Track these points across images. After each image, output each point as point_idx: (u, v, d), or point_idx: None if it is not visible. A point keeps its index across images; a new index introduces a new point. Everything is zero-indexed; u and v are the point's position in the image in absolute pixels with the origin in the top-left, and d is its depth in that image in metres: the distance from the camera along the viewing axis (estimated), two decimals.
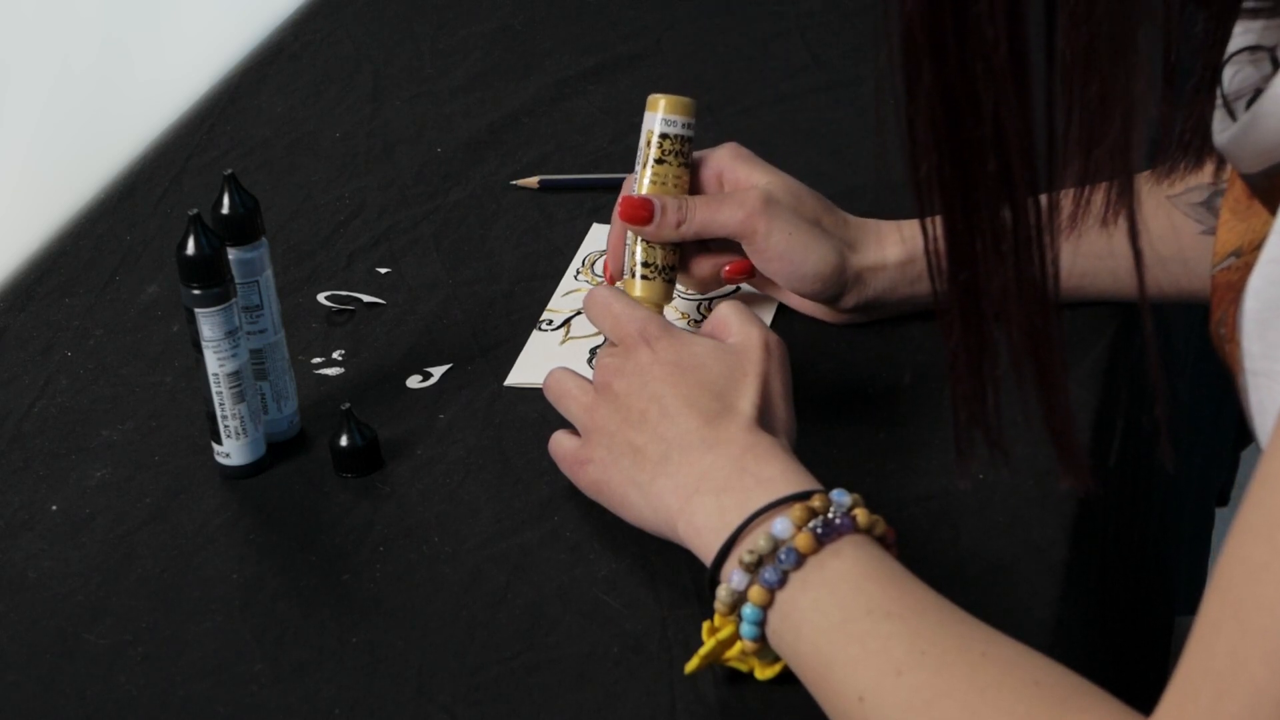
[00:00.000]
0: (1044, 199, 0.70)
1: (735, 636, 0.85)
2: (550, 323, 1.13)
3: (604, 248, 1.19)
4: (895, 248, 1.08)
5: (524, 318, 1.14)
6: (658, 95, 1.07)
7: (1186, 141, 0.84)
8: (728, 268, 1.08)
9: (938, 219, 0.71)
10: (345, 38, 1.52)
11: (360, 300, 1.17)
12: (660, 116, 1.06)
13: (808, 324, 1.11)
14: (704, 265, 1.09)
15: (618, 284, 1.08)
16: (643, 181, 1.07)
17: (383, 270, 1.20)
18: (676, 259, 1.07)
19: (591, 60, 1.45)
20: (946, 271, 0.72)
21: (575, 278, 1.18)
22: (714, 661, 0.86)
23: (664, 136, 1.07)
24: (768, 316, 1.11)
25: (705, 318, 0.99)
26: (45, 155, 1.34)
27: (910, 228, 1.08)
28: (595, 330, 1.05)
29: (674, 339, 0.95)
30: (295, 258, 1.22)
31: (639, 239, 1.07)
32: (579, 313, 1.13)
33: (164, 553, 0.98)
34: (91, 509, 1.02)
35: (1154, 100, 0.71)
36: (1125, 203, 0.70)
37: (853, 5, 1.48)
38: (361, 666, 0.90)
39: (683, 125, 1.07)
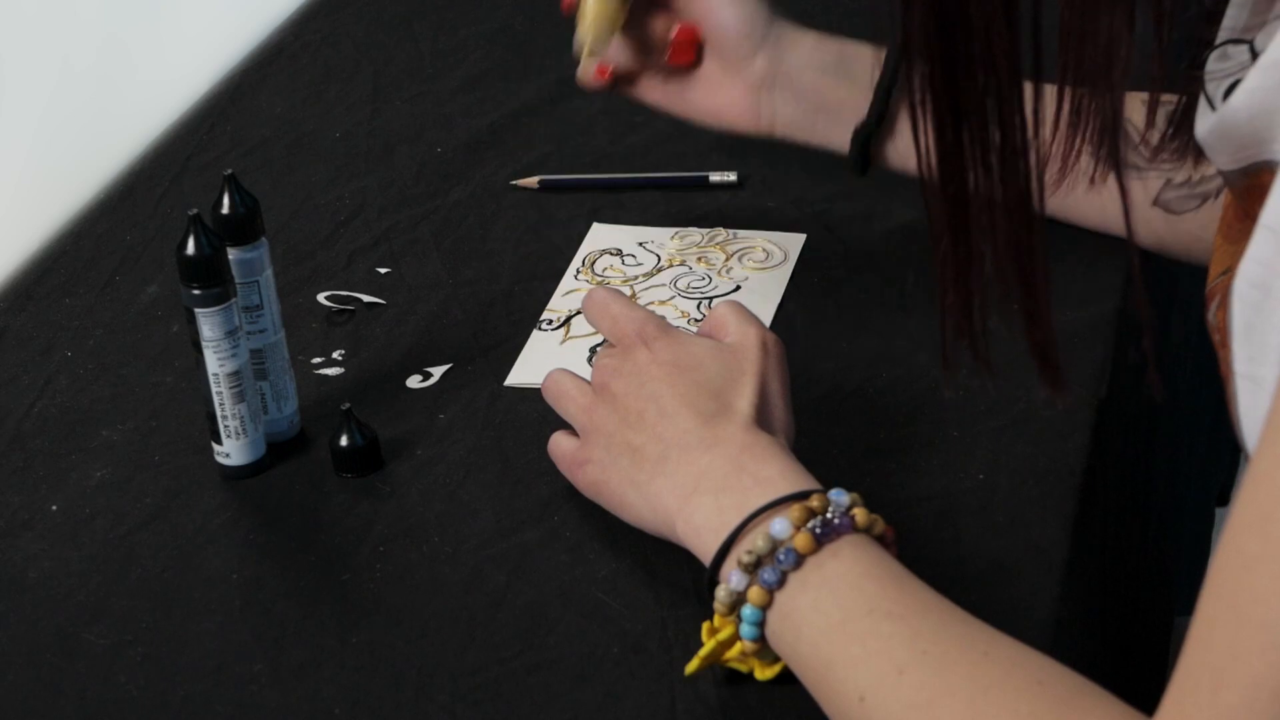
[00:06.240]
0: (1029, 113, 0.73)
1: (735, 637, 0.85)
2: (550, 322, 1.13)
3: (604, 247, 1.19)
4: (814, 36, 1.14)
5: (524, 318, 1.14)
6: None
7: (1179, 124, 0.86)
8: (676, 31, 1.13)
9: (930, 142, 0.74)
10: (345, 38, 1.52)
11: (360, 300, 1.17)
12: None
13: (807, 324, 1.11)
14: (658, 23, 1.14)
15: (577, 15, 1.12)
16: None
17: (383, 270, 1.20)
18: None
19: None
20: (937, 184, 0.74)
21: (575, 277, 1.18)
22: (714, 662, 0.86)
23: None
24: (766, 316, 1.12)
25: (705, 317, 0.99)
26: (45, 155, 1.34)
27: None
28: (595, 330, 1.06)
29: (671, 339, 0.95)
30: (295, 258, 1.22)
31: None
32: (579, 312, 1.13)
33: (164, 553, 0.98)
34: (91, 509, 1.02)
35: (1137, 27, 0.73)
36: (1111, 138, 0.73)
37: (853, 5, 1.48)
38: (361, 666, 0.90)
39: None
